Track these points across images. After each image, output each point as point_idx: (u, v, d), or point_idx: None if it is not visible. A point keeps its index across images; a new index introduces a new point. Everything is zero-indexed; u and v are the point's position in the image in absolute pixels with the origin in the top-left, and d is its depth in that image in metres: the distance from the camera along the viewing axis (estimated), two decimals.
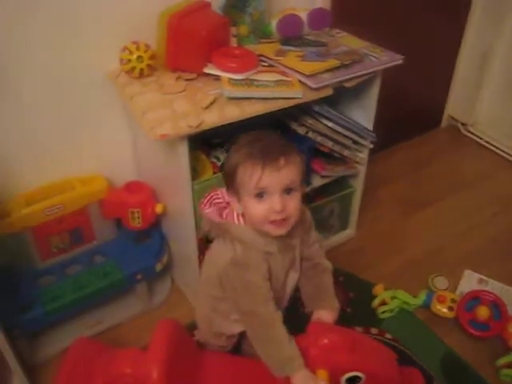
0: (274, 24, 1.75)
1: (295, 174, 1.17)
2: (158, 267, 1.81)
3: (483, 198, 2.50)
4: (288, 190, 1.17)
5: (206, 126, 1.41)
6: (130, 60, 1.57)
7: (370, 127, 1.87)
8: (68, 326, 1.76)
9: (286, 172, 1.15)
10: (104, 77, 1.67)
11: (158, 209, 1.77)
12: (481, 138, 2.92)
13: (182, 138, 1.41)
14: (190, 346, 1.48)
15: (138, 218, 1.77)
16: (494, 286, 1.98)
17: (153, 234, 1.87)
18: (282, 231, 1.22)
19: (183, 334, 1.45)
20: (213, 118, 1.43)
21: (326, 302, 1.36)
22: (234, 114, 1.45)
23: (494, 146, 2.85)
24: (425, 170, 2.71)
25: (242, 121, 1.47)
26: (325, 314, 1.34)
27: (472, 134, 2.96)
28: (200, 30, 1.53)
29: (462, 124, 3.00)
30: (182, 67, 1.62)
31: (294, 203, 1.18)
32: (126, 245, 1.85)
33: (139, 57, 1.56)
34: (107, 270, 1.74)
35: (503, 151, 2.81)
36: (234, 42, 1.70)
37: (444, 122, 3.08)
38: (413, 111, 2.76)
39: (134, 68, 1.58)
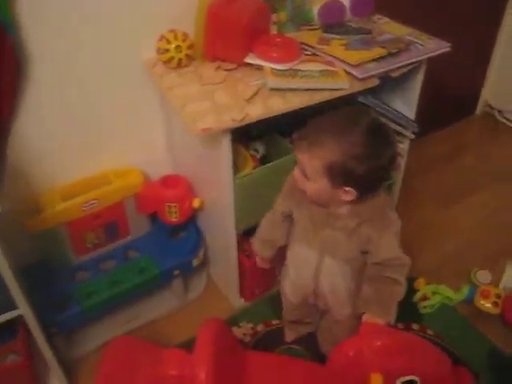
0: (315, 10, 1.68)
1: (310, 164, 1.16)
2: (195, 262, 1.77)
3: None
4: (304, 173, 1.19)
5: (250, 120, 1.35)
6: (167, 50, 1.51)
7: (413, 117, 1.80)
8: (103, 322, 1.74)
9: (302, 157, 1.17)
10: (140, 66, 1.62)
11: (196, 203, 1.73)
12: None
13: (224, 131, 1.36)
14: (235, 345, 1.44)
15: (175, 212, 1.72)
16: None
17: (188, 228, 1.83)
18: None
19: (228, 333, 1.42)
20: (257, 111, 1.37)
21: (382, 309, 1.25)
22: (278, 106, 1.39)
23: None
24: (462, 159, 2.64)
25: None
26: (375, 319, 1.25)
27: (509, 120, 2.87)
28: (241, 18, 1.47)
29: (499, 111, 2.91)
30: (221, 57, 1.56)
31: (307, 186, 1.20)
32: (160, 239, 1.81)
33: (177, 46, 1.51)
34: (143, 266, 1.70)
35: None
36: (273, 30, 1.64)
37: (479, 109, 3.00)
38: (446, 98, 2.68)
39: (172, 58, 1.52)
